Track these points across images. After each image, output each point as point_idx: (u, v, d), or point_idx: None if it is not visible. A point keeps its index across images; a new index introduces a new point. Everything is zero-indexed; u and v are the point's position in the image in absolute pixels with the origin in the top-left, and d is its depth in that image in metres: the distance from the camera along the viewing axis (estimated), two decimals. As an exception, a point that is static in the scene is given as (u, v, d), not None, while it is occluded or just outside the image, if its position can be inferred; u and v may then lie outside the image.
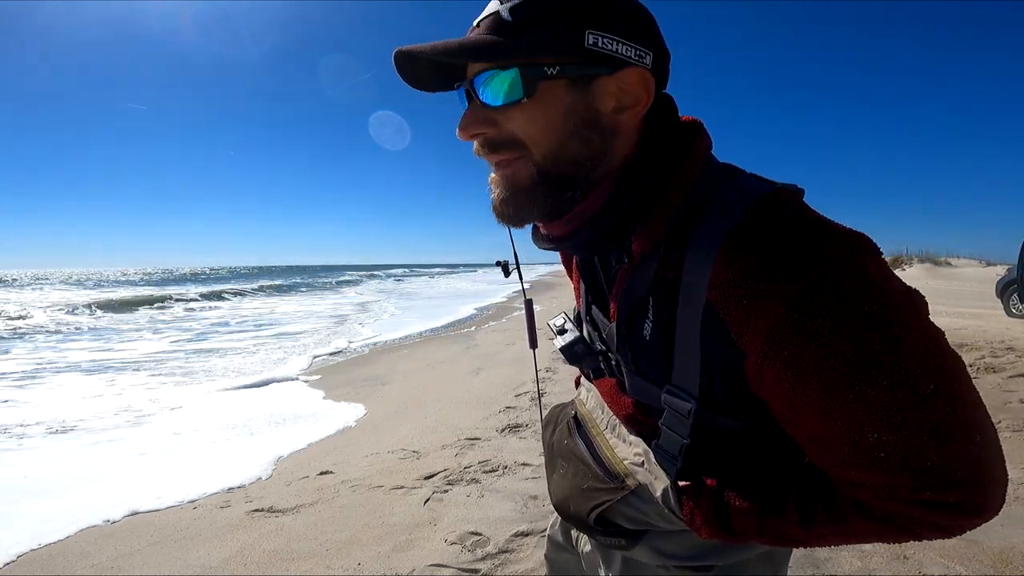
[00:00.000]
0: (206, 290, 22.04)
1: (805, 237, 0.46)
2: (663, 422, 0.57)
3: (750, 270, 0.46)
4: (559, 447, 0.74)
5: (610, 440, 0.66)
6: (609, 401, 0.67)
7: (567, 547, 0.84)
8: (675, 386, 0.55)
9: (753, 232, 0.48)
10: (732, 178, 0.54)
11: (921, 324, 0.45)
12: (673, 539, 0.62)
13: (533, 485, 2.55)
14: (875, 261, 0.46)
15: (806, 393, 0.46)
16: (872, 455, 0.44)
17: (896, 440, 0.43)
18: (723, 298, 0.48)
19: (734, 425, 0.55)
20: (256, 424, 3.87)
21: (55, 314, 12.76)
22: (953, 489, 0.44)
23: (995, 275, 9.76)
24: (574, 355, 0.67)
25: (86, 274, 55.47)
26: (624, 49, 0.51)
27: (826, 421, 0.46)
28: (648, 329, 0.56)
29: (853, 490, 0.49)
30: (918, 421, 0.43)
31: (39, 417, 4.03)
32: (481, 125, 0.55)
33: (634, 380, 0.61)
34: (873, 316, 0.43)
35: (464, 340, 7.79)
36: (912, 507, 0.46)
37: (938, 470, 0.43)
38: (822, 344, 0.43)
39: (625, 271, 0.57)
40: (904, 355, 0.43)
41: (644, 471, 0.60)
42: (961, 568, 1.80)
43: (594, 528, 0.64)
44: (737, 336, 0.48)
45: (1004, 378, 4.08)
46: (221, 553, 2.11)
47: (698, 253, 0.50)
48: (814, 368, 0.44)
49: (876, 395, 0.43)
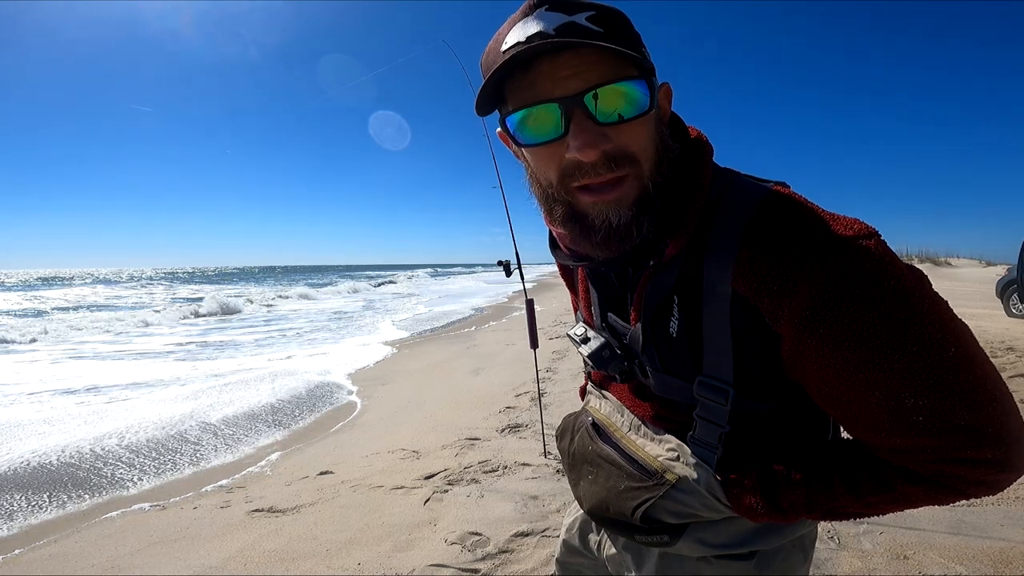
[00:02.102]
0: (270, 291, 22.45)
1: (817, 225, 0.50)
2: (698, 413, 0.59)
3: (776, 259, 0.50)
4: (583, 453, 0.73)
5: (636, 441, 0.67)
6: (630, 405, 0.68)
7: (584, 552, 0.83)
8: (708, 376, 0.57)
9: (769, 225, 0.52)
10: (735, 179, 0.58)
11: (931, 294, 0.49)
12: (716, 528, 0.63)
13: (533, 485, 2.55)
14: (880, 242, 0.49)
15: (843, 367, 0.49)
16: (911, 419, 0.48)
17: (931, 403, 0.47)
18: (752, 287, 0.51)
19: (765, 408, 0.57)
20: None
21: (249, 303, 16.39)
22: (988, 446, 0.48)
23: (995, 275, 9.76)
24: (601, 360, 0.66)
25: (105, 273, 56.13)
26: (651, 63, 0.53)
27: (865, 392, 0.49)
28: (675, 327, 0.58)
29: (897, 456, 0.51)
30: (947, 382, 0.46)
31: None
32: (601, 141, 0.50)
33: (661, 379, 0.62)
34: (893, 290, 0.46)
35: (464, 340, 7.78)
36: (956, 466, 0.49)
37: (971, 429, 0.47)
38: (854, 319, 0.47)
39: (649, 274, 0.59)
40: (925, 323, 0.46)
41: (681, 464, 0.61)
42: (961, 568, 1.80)
43: (639, 527, 0.63)
44: (772, 321, 0.51)
45: (1004, 378, 4.08)
46: (221, 553, 2.11)
47: (718, 249, 0.53)
48: (848, 342, 0.47)
49: (908, 361, 0.46)
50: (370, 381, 5.25)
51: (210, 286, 30.39)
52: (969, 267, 17.16)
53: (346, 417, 4.11)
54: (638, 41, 0.52)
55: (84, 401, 4.57)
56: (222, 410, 4.10)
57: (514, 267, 2.74)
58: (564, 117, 0.50)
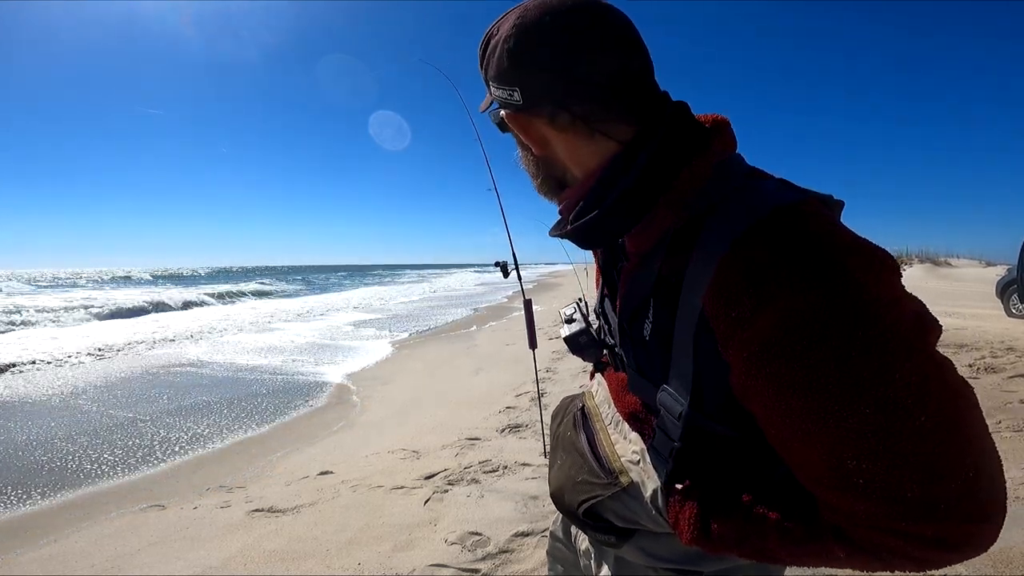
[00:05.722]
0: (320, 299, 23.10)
1: (814, 254, 0.43)
2: (657, 423, 0.57)
3: (742, 283, 0.45)
4: (563, 438, 0.75)
5: (612, 436, 0.66)
6: (615, 397, 0.67)
7: (567, 543, 0.84)
8: (669, 388, 0.55)
9: (758, 244, 0.45)
10: (754, 183, 0.52)
11: (924, 352, 0.42)
12: (661, 541, 0.62)
13: (533, 485, 2.55)
14: (886, 280, 0.43)
15: (787, 413, 0.44)
16: (851, 480, 0.43)
17: (876, 468, 0.41)
18: (713, 308, 0.47)
19: (729, 433, 0.54)
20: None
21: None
22: (932, 522, 0.41)
23: (995, 275, 9.75)
24: (577, 345, 0.68)
25: (111, 272, 56.32)
26: (502, 94, 0.60)
27: (807, 442, 0.44)
28: (648, 329, 0.56)
29: (832, 513, 0.47)
30: (902, 451, 0.40)
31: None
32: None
33: (634, 377, 0.62)
34: (868, 340, 0.40)
35: (464, 340, 7.78)
36: (887, 536, 0.44)
37: (918, 502, 0.41)
38: (807, 365, 0.42)
39: (628, 270, 0.58)
40: (897, 383, 0.40)
41: (639, 469, 0.60)
42: (961, 568, 1.80)
43: (584, 521, 0.65)
44: (722, 347, 0.47)
45: (1004, 378, 4.07)
46: (221, 553, 2.11)
47: (701, 259, 0.48)
48: (797, 388, 0.43)
49: (859, 421, 0.41)
50: (370, 381, 5.26)
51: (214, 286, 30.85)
52: (969, 267, 17.15)
53: (346, 417, 4.11)
54: (508, 66, 0.55)
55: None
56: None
57: (511, 268, 2.74)
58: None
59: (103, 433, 3.74)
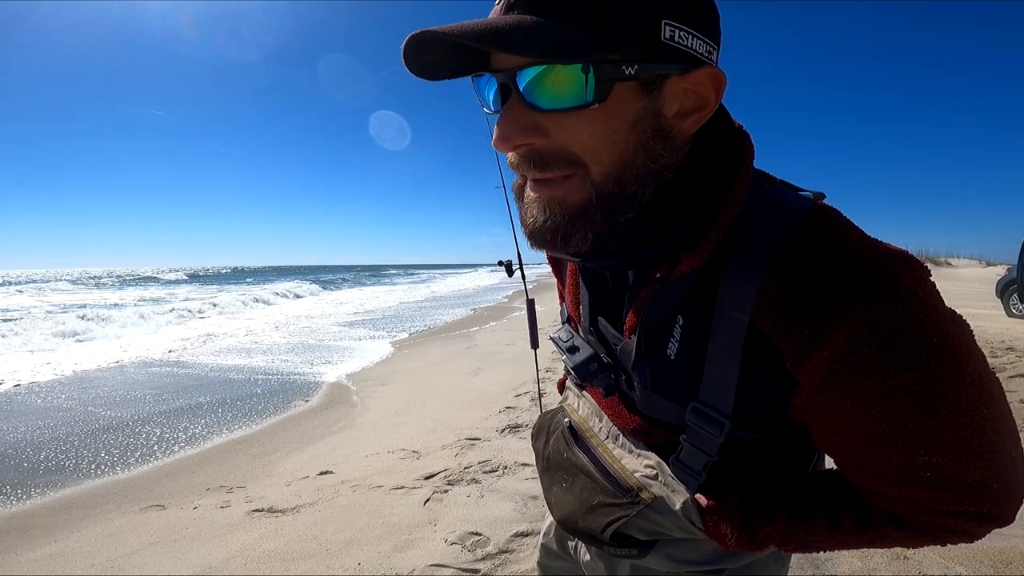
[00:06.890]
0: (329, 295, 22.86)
1: (867, 262, 0.43)
2: (686, 438, 0.55)
3: (812, 299, 0.43)
4: (557, 459, 0.70)
5: (614, 451, 0.63)
6: (609, 413, 0.65)
7: (563, 555, 0.82)
8: (703, 404, 0.52)
9: (807, 253, 0.44)
10: (771, 189, 0.50)
11: (976, 350, 0.44)
12: (686, 545, 0.61)
13: (533, 485, 2.55)
14: (931, 286, 0.43)
15: (863, 421, 0.45)
16: (918, 474, 0.45)
17: (945, 461, 0.44)
18: (776, 325, 0.45)
19: (753, 437, 0.53)
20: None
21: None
22: (988, 501, 0.46)
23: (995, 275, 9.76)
24: (588, 373, 0.60)
25: (127, 272, 56.48)
26: (697, 44, 0.43)
27: (877, 446, 0.46)
28: (673, 348, 0.52)
29: (890, 503, 0.49)
30: (970, 444, 0.44)
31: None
32: (528, 134, 0.44)
33: (649, 397, 0.57)
34: (939, 347, 0.41)
35: (464, 340, 7.78)
36: (947, 518, 0.48)
37: (979, 485, 0.45)
38: (890, 376, 0.42)
39: (653, 287, 0.52)
40: (964, 384, 0.42)
41: (659, 484, 0.58)
42: (961, 568, 1.80)
43: (607, 543, 0.61)
44: (794, 367, 0.45)
45: (1004, 378, 4.08)
46: (221, 553, 2.11)
47: (740, 272, 0.46)
48: (877, 400, 0.43)
49: (936, 423, 0.43)
50: (370, 381, 5.25)
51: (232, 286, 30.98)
52: (969, 267, 17.16)
53: (346, 417, 4.11)
54: (640, 10, 0.41)
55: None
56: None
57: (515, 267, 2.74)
58: (503, 96, 0.45)
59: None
